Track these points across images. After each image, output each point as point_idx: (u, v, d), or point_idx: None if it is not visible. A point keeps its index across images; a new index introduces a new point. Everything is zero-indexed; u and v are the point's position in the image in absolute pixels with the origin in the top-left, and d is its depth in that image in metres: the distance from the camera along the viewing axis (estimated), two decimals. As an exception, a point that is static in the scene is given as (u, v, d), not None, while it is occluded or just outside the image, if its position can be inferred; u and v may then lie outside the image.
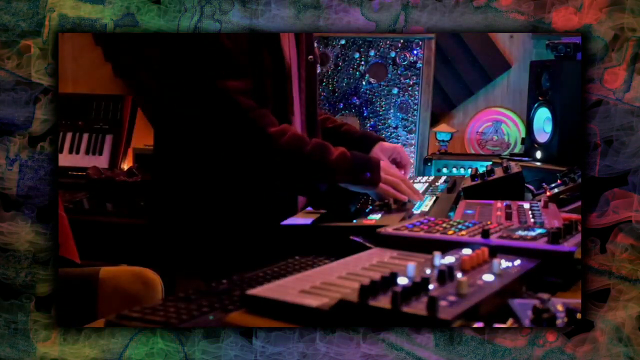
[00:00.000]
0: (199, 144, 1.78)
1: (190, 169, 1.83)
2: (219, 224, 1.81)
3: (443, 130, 3.50)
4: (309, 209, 1.82)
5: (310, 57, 1.97)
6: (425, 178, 2.25)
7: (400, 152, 2.14)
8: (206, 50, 1.69)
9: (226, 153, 1.75)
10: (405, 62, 3.47)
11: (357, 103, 3.46)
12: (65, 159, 3.31)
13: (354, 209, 1.76)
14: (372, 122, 3.44)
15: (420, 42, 3.45)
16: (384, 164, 1.83)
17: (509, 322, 1.05)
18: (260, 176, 1.77)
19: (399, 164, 2.11)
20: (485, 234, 1.33)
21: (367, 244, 1.44)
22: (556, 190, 1.96)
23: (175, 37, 1.63)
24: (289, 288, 1.10)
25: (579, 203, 1.69)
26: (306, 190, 1.81)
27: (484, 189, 1.96)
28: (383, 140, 2.18)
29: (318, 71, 2.12)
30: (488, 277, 1.11)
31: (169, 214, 1.87)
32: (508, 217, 1.59)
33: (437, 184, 2.14)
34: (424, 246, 1.33)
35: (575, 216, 1.62)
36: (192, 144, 1.80)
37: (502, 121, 3.54)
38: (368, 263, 1.25)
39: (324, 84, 3.44)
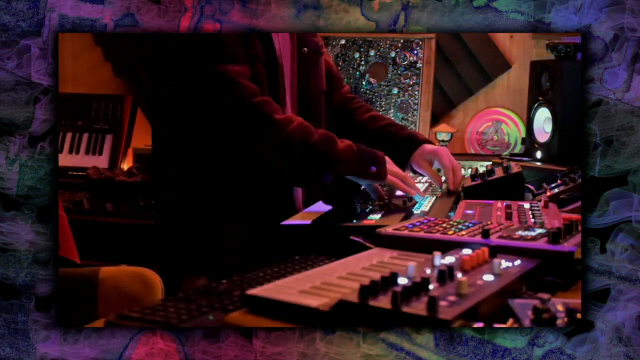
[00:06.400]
0: (201, 134, 1.75)
1: (192, 167, 1.81)
2: (220, 224, 1.80)
3: (443, 130, 3.50)
4: (309, 209, 1.81)
5: (305, 49, 1.93)
6: (425, 178, 2.25)
7: (440, 157, 2.02)
8: (203, 38, 1.66)
9: (229, 139, 1.71)
10: (405, 62, 3.46)
11: (357, 103, 3.45)
12: (65, 159, 3.32)
13: (359, 210, 1.75)
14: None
15: (420, 42, 3.45)
16: (389, 160, 1.82)
17: (509, 322, 1.05)
18: (264, 163, 1.73)
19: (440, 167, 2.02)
20: (486, 234, 1.33)
21: (367, 244, 1.44)
22: (556, 190, 1.96)
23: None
24: (289, 288, 1.10)
25: (579, 203, 1.69)
26: (311, 180, 1.78)
27: (484, 189, 1.96)
28: (428, 142, 2.08)
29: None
30: (488, 277, 1.11)
31: (173, 213, 1.87)
32: (508, 217, 1.59)
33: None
34: (424, 246, 1.33)
35: (575, 216, 1.62)
36: (194, 136, 1.77)
37: (502, 121, 3.54)
38: (368, 263, 1.25)
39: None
